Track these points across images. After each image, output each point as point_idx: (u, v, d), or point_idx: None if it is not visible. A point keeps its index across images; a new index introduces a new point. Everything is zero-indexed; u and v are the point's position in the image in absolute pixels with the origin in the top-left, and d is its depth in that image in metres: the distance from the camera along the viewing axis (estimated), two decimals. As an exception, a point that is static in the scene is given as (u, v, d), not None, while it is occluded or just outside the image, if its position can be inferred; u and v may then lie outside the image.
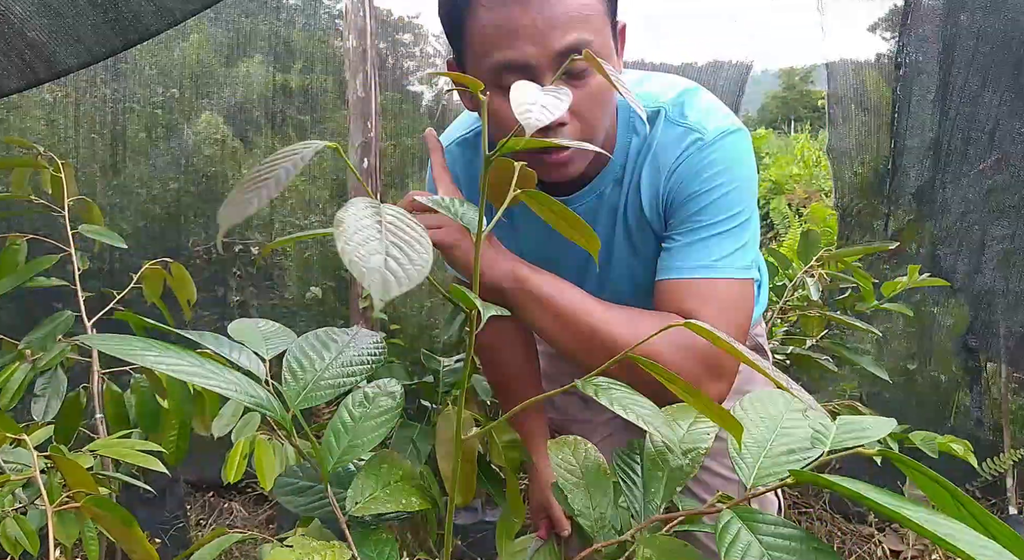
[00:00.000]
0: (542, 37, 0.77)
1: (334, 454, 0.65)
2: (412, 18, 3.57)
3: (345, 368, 0.65)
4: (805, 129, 12.32)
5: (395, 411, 0.70)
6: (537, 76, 0.79)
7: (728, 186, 0.91)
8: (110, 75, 2.66)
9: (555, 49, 0.78)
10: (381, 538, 0.65)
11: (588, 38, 0.79)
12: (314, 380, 0.63)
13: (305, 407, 0.61)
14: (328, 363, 0.65)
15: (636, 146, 0.96)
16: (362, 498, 0.66)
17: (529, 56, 0.78)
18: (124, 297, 1.64)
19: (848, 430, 0.57)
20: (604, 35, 0.82)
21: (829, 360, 1.97)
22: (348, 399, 0.70)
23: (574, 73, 0.80)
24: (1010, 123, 2.40)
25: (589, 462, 0.70)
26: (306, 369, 0.64)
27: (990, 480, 2.58)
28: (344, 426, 0.68)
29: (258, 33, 2.86)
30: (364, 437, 0.67)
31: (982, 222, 2.52)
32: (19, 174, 1.68)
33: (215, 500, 2.85)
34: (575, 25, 0.78)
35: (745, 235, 0.94)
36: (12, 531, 0.96)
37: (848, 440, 0.56)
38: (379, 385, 0.73)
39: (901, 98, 2.67)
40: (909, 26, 2.64)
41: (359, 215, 0.40)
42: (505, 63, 0.79)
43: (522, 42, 0.77)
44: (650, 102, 0.96)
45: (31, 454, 0.86)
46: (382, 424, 0.68)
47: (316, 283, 2.85)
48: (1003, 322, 2.51)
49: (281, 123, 2.91)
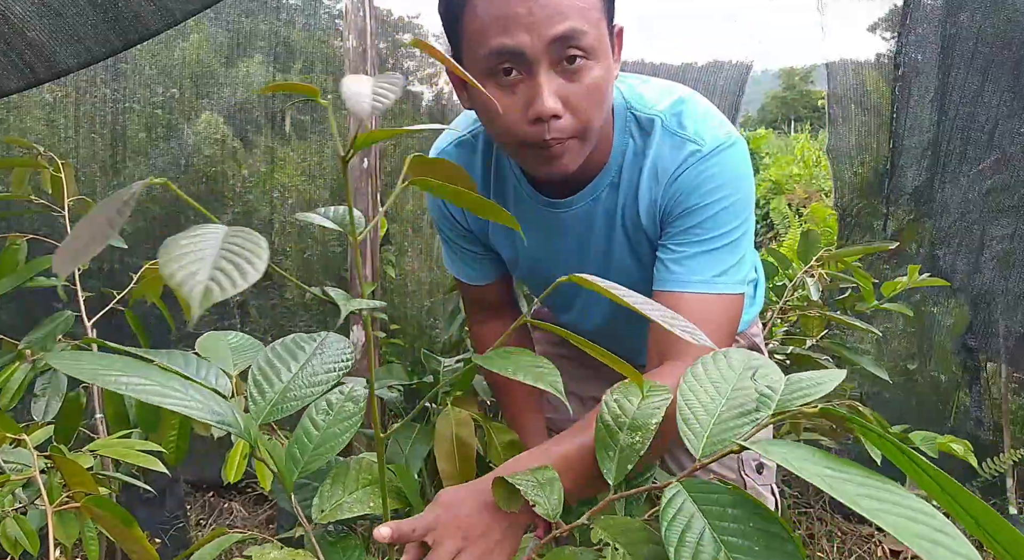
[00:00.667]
0: (537, 25, 0.77)
1: (298, 465, 0.65)
2: (412, 18, 3.57)
3: (311, 378, 0.64)
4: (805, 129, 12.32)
5: (359, 415, 0.70)
6: (531, 64, 0.79)
7: (727, 201, 0.92)
8: (110, 75, 2.66)
9: (549, 36, 0.77)
10: (348, 544, 0.66)
11: (583, 28, 0.78)
12: (280, 393, 0.62)
13: (272, 420, 0.61)
14: (294, 374, 0.64)
15: (632, 150, 0.96)
16: (328, 505, 0.67)
17: (523, 44, 0.78)
18: (124, 297, 1.64)
19: (797, 387, 0.55)
20: (600, 31, 0.82)
21: (829, 360, 1.97)
22: (311, 408, 0.70)
23: (570, 64, 0.80)
24: (1009, 123, 2.40)
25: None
26: (272, 382, 0.63)
27: (990, 480, 2.58)
28: (308, 436, 0.68)
29: (258, 33, 2.86)
30: (327, 444, 0.66)
31: (981, 222, 2.52)
32: (19, 174, 1.68)
33: (215, 500, 2.85)
34: (570, 15, 0.77)
35: (741, 249, 0.95)
36: (12, 531, 0.96)
37: (797, 399, 0.53)
38: (342, 391, 0.73)
39: (900, 98, 2.67)
40: (909, 26, 2.64)
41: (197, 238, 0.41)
42: (499, 50, 0.79)
43: (517, 29, 0.77)
44: (646, 109, 0.95)
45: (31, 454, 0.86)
46: (346, 430, 0.68)
47: (316, 283, 2.85)
48: (1003, 322, 2.51)
49: (281, 123, 2.91)
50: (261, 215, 2.82)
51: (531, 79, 0.80)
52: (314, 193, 2.95)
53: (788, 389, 0.55)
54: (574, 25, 0.77)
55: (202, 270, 0.37)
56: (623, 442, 0.62)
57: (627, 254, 1.03)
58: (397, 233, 3.05)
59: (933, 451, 1.77)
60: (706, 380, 0.60)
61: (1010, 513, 2.55)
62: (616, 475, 0.61)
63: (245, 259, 0.39)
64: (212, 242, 0.41)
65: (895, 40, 2.71)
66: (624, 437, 0.63)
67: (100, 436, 1.47)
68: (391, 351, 2.73)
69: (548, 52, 0.78)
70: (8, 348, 1.60)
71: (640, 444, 0.61)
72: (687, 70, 3.40)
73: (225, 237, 0.42)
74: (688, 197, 0.92)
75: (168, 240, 0.41)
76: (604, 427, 0.64)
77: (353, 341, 2.55)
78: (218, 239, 0.41)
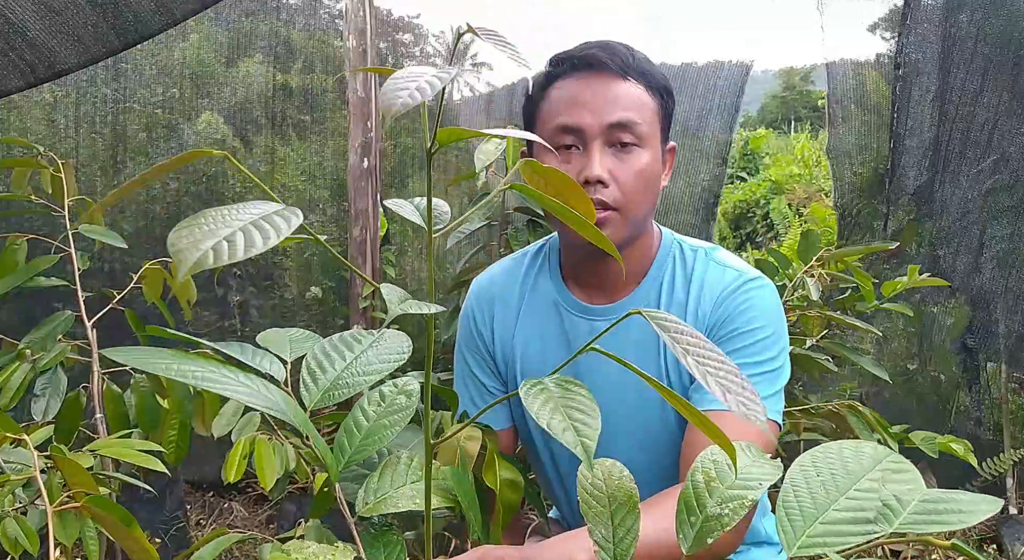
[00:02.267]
0: (598, 109, 0.91)
1: (345, 454, 0.64)
2: (412, 18, 3.57)
3: (365, 367, 0.64)
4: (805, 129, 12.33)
5: (410, 409, 0.69)
6: (587, 139, 0.92)
7: (766, 330, 0.96)
8: (110, 75, 2.66)
9: (607, 121, 0.91)
10: (390, 540, 0.64)
11: (637, 120, 0.92)
12: (332, 380, 0.62)
13: (324, 406, 0.60)
14: (348, 363, 0.64)
15: (676, 269, 1.03)
16: (372, 498, 0.65)
17: (584, 123, 0.91)
18: (124, 297, 1.64)
19: (929, 508, 0.45)
20: (653, 127, 0.94)
21: (829, 360, 1.97)
22: (363, 399, 0.69)
23: (621, 146, 0.92)
24: (1009, 123, 2.40)
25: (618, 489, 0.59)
26: (326, 369, 0.63)
27: (990, 480, 2.58)
28: (357, 426, 0.66)
29: (258, 33, 2.86)
30: (375, 436, 0.65)
31: (981, 222, 2.53)
32: (19, 174, 1.68)
33: (215, 500, 2.85)
34: (628, 107, 0.91)
35: (779, 382, 0.98)
36: (12, 531, 0.96)
37: (924, 521, 0.44)
38: (395, 384, 0.72)
39: (901, 98, 2.67)
40: (909, 26, 2.64)
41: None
42: (564, 125, 0.92)
43: (581, 110, 0.91)
44: (689, 244, 1.05)
45: (31, 454, 0.86)
46: (395, 423, 0.67)
47: (316, 283, 2.85)
48: (1002, 322, 2.51)
49: (281, 123, 2.91)
50: (261, 215, 2.82)
51: (586, 152, 0.92)
52: (314, 193, 2.95)
53: (922, 508, 0.46)
54: (630, 116, 0.91)
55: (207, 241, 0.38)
56: (710, 511, 0.54)
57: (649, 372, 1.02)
58: (397, 233, 3.05)
59: (933, 451, 1.77)
60: (824, 468, 0.52)
61: (1010, 513, 2.55)
62: (692, 546, 0.53)
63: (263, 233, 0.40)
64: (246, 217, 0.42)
65: (895, 40, 2.71)
66: (712, 505, 0.54)
67: (100, 436, 1.47)
68: (391, 351, 2.73)
69: (604, 133, 0.91)
70: (8, 348, 1.60)
71: (729, 518, 0.53)
72: (687, 70, 3.40)
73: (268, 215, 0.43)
74: (733, 320, 0.97)
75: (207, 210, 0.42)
76: (693, 488, 0.55)
77: (353, 341, 2.55)
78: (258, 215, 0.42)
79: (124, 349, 0.51)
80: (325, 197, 2.95)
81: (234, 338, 2.88)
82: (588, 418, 0.50)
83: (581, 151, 0.93)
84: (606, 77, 0.92)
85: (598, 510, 0.57)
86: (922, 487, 0.49)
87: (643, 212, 0.96)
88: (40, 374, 1.42)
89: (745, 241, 7.35)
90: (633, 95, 0.93)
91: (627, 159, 0.93)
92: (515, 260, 1.15)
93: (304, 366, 0.63)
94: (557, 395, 0.52)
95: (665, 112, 0.97)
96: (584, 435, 0.48)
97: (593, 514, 0.57)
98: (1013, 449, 2.55)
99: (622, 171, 0.92)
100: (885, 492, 0.48)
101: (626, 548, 0.55)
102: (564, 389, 0.53)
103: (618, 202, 0.92)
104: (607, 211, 0.92)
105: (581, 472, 0.59)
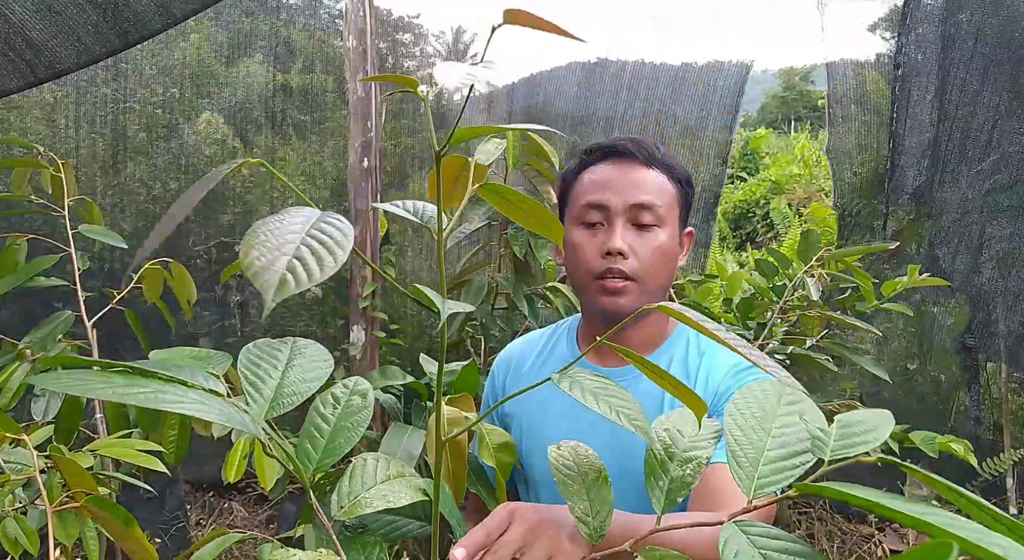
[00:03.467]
0: (623, 191, 1.03)
1: (312, 460, 0.64)
2: (412, 18, 3.57)
3: (303, 374, 0.64)
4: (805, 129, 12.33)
5: (368, 410, 0.69)
6: (611, 216, 1.03)
7: None
8: (110, 75, 2.66)
9: (630, 201, 1.02)
10: (368, 541, 0.65)
11: (658, 203, 1.03)
12: (276, 390, 0.62)
13: (273, 416, 0.60)
14: (282, 372, 0.64)
15: (687, 346, 1.10)
16: (346, 502, 0.65)
17: (609, 201, 1.03)
18: (124, 297, 1.64)
19: (848, 433, 0.54)
20: (672, 211, 1.05)
21: (829, 360, 1.97)
22: (316, 403, 0.69)
23: (642, 225, 1.03)
24: (1009, 123, 2.40)
25: (588, 467, 0.66)
26: (265, 381, 0.62)
27: (990, 480, 2.58)
28: (319, 431, 0.66)
29: (258, 33, 2.86)
30: (339, 439, 0.65)
31: (981, 222, 2.53)
32: (19, 174, 1.68)
33: (215, 500, 2.86)
34: (651, 191, 1.03)
35: None
36: (12, 531, 0.96)
37: (850, 447, 0.52)
38: (346, 385, 0.72)
39: (900, 98, 2.67)
40: (909, 26, 2.64)
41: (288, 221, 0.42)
42: (592, 203, 1.04)
43: (608, 191, 1.03)
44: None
45: (31, 454, 0.86)
46: (358, 424, 0.67)
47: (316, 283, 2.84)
48: (1002, 322, 2.51)
49: (281, 123, 2.91)
50: (261, 215, 2.82)
51: (610, 227, 1.03)
52: (314, 193, 2.95)
53: (842, 435, 0.53)
54: (651, 199, 1.02)
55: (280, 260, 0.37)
56: (674, 473, 0.61)
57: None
58: (397, 233, 3.05)
59: (933, 451, 1.77)
60: (749, 414, 0.59)
61: (1010, 513, 2.55)
62: (664, 506, 0.60)
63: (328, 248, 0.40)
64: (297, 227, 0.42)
65: (895, 40, 2.71)
66: (675, 468, 0.62)
67: (100, 436, 1.48)
68: (391, 351, 2.73)
69: (627, 212, 1.02)
70: (8, 348, 1.60)
71: (691, 477, 0.61)
72: (687, 70, 3.40)
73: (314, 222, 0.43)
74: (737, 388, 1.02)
75: (256, 223, 0.42)
76: (655, 455, 0.63)
77: (353, 340, 2.55)
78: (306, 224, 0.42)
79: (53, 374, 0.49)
80: (325, 197, 2.95)
81: (234, 338, 2.88)
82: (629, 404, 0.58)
83: (606, 227, 1.04)
84: (633, 164, 1.04)
85: (575, 489, 0.64)
86: (819, 412, 0.57)
87: (659, 285, 1.06)
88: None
89: (745, 241, 7.35)
90: (656, 181, 1.04)
91: (647, 237, 1.03)
92: (542, 332, 1.27)
93: (242, 379, 0.62)
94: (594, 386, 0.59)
95: (685, 200, 1.09)
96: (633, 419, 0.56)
97: (571, 493, 0.63)
98: (1013, 449, 2.55)
99: (641, 246, 1.03)
100: (810, 426, 0.54)
101: (603, 519, 0.62)
102: (601, 383, 0.60)
103: (636, 273, 1.02)
104: (626, 281, 1.02)
105: (551, 451, 0.67)
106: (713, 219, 3.35)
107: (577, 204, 1.07)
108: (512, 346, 1.28)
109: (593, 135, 3.44)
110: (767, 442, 0.56)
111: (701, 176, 3.27)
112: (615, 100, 3.47)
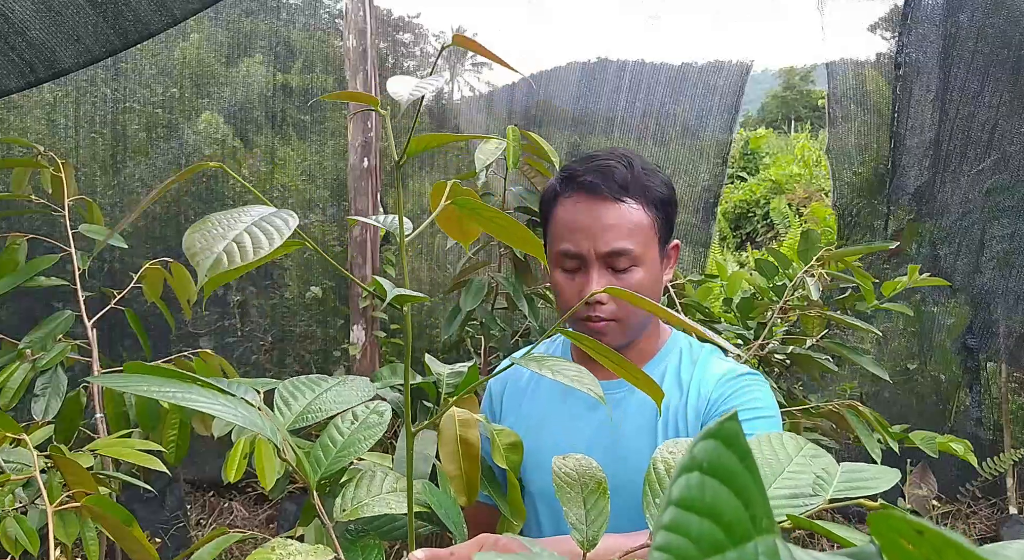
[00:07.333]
0: (596, 238, 1.01)
1: (321, 465, 0.69)
2: (412, 18, 3.57)
3: (336, 397, 0.71)
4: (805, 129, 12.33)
5: (382, 427, 0.74)
6: (587, 264, 1.02)
7: (764, 412, 1.04)
8: (110, 75, 2.66)
9: (603, 250, 1.01)
10: (368, 544, 0.68)
11: (631, 247, 1.02)
12: (305, 406, 0.69)
13: (297, 426, 0.66)
14: (318, 395, 0.71)
15: (680, 358, 1.12)
16: (349, 506, 0.70)
17: (583, 250, 1.02)
18: (124, 297, 1.64)
19: (851, 478, 0.56)
20: (649, 249, 1.04)
21: (829, 359, 1.97)
22: (337, 419, 0.74)
23: (617, 268, 1.02)
24: (1009, 123, 2.40)
25: (589, 477, 0.68)
26: (298, 399, 0.70)
27: (990, 480, 2.58)
28: (332, 441, 0.72)
29: (258, 33, 2.86)
30: (349, 449, 0.71)
31: (982, 222, 2.53)
32: (19, 174, 1.68)
33: (215, 500, 2.85)
34: (623, 234, 1.01)
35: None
36: (12, 530, 0.96)
37: (850, 489, 0.54)
38: (367, 406, 0.77)
39: (901, 98, 2.67)
40: (909, 26, 2.64)
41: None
42: (566, 252, 1.03)
43: (580, 238, 1.02)
44: (697, 342, 1.15)
45: (31, 454, 0.86)
46: (369, 437, 0.73)
47: (316, 283, 2.85)
48: (1002, 322, 2.51)
49: (281, 123, 2.91)
50: (261, 215, 2.82)
51: (586, 273, 1.03)
52: (314, 193, 2.95)
53: (845, 478, 0.56)
54: (624, 245, 1.01)
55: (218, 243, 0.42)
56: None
57: (645, 446, 1.08)
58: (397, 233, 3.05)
59: (933, 451, 1.77)
60: (760, 456, 0.60)
61: (1010, 513, 2.55)
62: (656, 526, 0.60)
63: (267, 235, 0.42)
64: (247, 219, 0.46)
65: (895, 40, 2.71)
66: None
67: (100, 436, 1.47)
68: (391, 350, 2.73)
69: (601, 258, 1.02)
70: (8, 348, 1.60)
71: None
72: (687, 70, 3.40)
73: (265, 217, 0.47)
74: (736, 396, 1.05)
75: (208, 215, 0.47)
76: (655, 474, 0.64)
77: (353, 340, 2.55)
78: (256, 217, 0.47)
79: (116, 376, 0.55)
80: (325, 197, 2.95)
81: (234, 338, 2.88)
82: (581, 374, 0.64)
83: (583, 271, 1.05)
84: (605, 203, 1.02)
85: (572, 495, 0.66)
86: (835, 464, 0.58)
87: (640, 318, 1.07)
88: (40, 374, 1.42)
89: (745, 241, 7.35)
90: (629, 219, 1.02)
91: (624, 278, 1.03)
92: (541, 345, 1.27)
93: (277, 397, 0.70)
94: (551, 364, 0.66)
95: (665, 221, 1.07)
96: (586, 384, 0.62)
97: (567, 498, 0.65)
98: (1013, 449, 2.55)
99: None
100: (815, 468, 0.56)
101: (598, 528, 0.64)
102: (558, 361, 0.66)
103: (615, 315, 1.03)
104: (607, 321, 1.03)
105: (555, 461, 0.68)
106: (713, 219, 3.35)
107: (555, 246, 1.06)
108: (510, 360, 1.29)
109: (593, 135, 3.44)
110: (774, 482, 0.57)
111: (701, 176, 3.27)
112: (615, 100, 3.47)
